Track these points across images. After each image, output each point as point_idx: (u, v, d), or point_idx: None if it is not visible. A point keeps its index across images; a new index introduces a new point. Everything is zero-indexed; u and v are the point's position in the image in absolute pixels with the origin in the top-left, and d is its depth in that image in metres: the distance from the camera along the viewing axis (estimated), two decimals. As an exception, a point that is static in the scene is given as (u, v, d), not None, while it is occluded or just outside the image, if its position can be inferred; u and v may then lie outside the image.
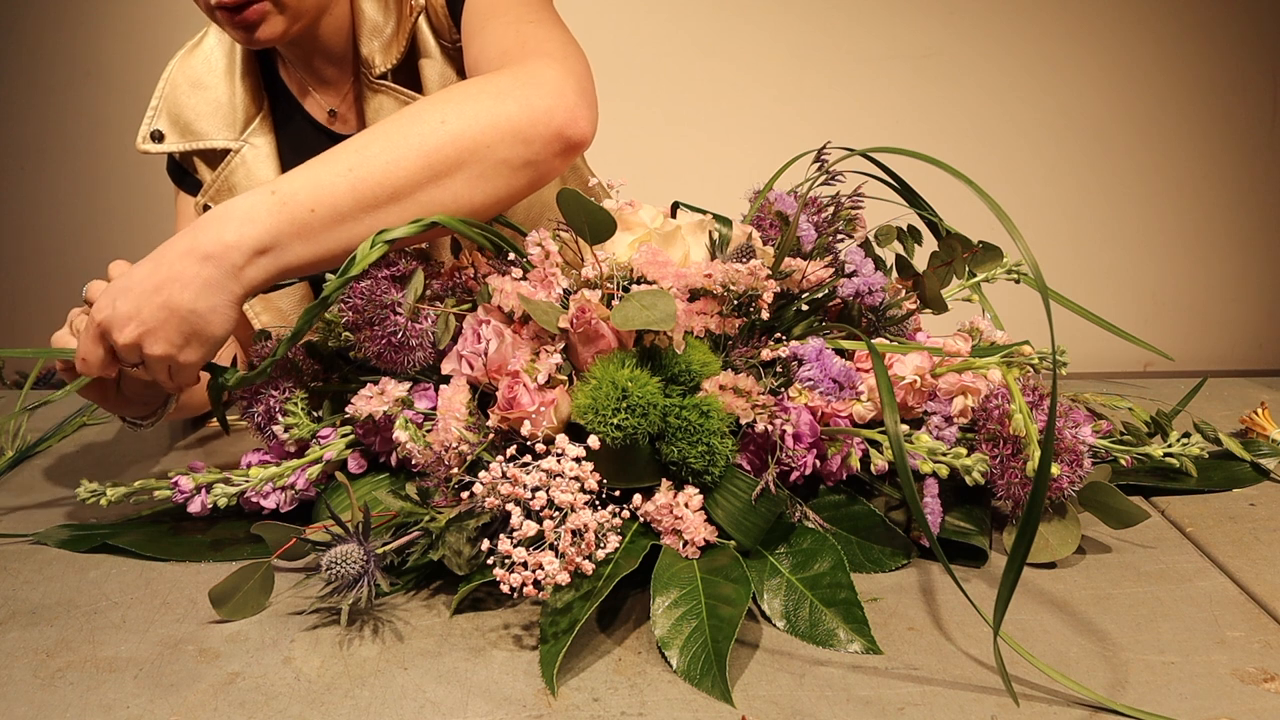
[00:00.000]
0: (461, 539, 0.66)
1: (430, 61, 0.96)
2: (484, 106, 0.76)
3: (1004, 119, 2.00)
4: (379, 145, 0.74)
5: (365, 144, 0.74)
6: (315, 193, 0.72)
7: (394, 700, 0.56)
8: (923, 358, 0.75)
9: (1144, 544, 0.74)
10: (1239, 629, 0.62)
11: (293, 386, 0.80)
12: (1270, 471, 0.87)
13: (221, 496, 0.76)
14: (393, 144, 0.74)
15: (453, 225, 0.73)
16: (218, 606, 0.66)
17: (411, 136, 0.74)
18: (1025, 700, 0.55)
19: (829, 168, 0.82)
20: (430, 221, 0.72)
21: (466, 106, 0.76)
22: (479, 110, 0.75)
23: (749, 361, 0.71)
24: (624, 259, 0.71)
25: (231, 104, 1.01)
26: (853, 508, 0.72)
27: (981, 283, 0.90)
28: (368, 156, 0.73)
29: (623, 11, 1.98)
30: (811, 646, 0.61)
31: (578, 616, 0.60)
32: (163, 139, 1.01)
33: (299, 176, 0.73)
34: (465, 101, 0.76)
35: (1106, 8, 1.96)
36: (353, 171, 0.73)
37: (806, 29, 1.97)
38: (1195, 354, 2.06)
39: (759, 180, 0.86)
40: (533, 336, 0.70)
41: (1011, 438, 0.71)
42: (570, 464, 0.60)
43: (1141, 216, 2.04)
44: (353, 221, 0.73)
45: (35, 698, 0.57)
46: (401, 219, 0.74)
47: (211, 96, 1.01)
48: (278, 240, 0.71)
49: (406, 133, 0.75)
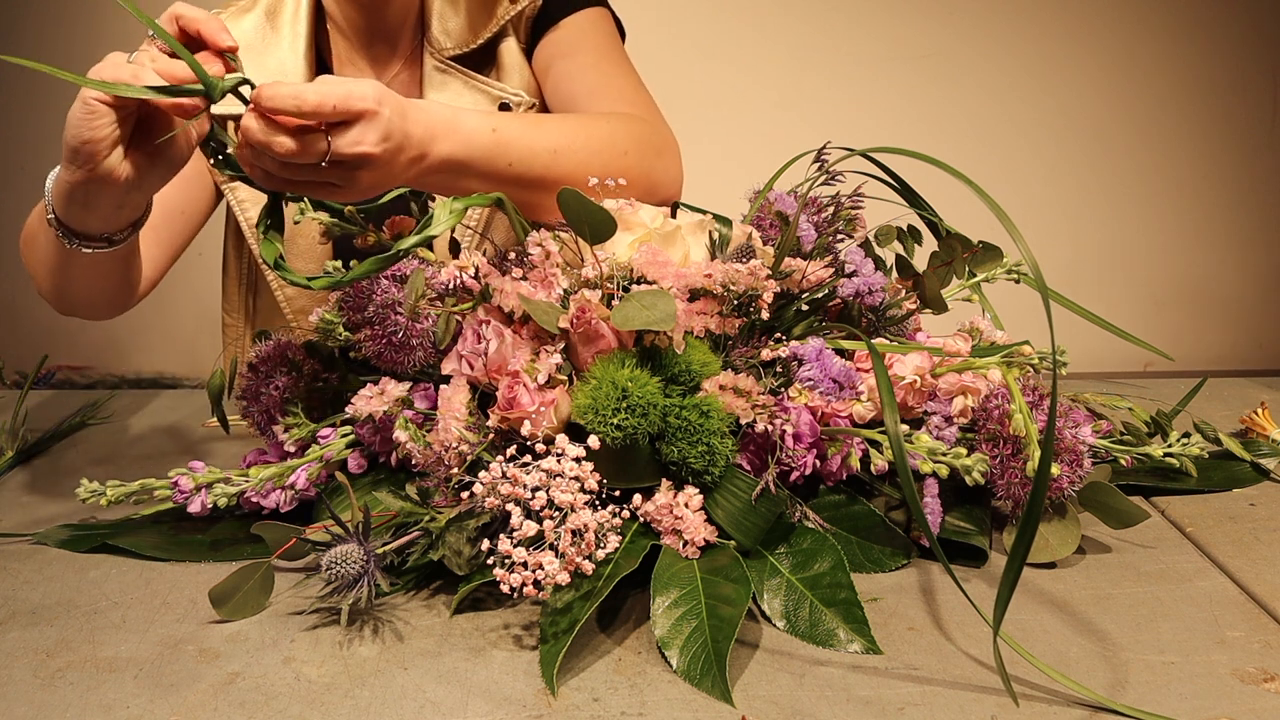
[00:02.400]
0: (461, 539, 0.66)
1: (510, 45, 1.01)
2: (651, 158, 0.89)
3: (1004, 119, 1.99)
4: (581, 142, 0.83)
5: (574, 134, 0.82)
6: (522, 155, 0.78)
7: (394, 700, 0.56)
8: (923, 358, 0.75)
9: (1144, 544, 0.74)
10: (1239, 629, 0.62)
11: (293, 386, 0.80)
12: (1270, 471, 0.87)
13: (221, 496, 0.76)
14: (590, 151, 0.83)
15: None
16: (218, 606, 0.66)
17: (602, 154, 0.84)
18: (1025, 700, 0.55)
19: (829, 168, 0.82)
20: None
21: (647, 150, 0.89)
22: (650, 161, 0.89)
23: (749, 361, 0.71)
24: (624, 259, 0.71)
25: (281, 74, 1.00)
26: (853, 508, 0.72)
27: (981, 283, 0.90)
28: (570, 151, 0.82)
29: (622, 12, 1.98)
30: (811, 646, 0.61)
31: (578, 616, 0.60)
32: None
33: (516, 127, 0.79)
34: (645, 144, 0.89)
35: (1106, 8, 1.96)
36: (555, 154, 0.80)
37: (806, 29, 1.97)
38: (1195, 354, 2.06)
39: (759, 180, 0.86)
40: (533, 336, 0.70)
41: (1011, 438, 0.71)
42: (570, 464, 0.60)
43: (1141, 217, 2.04)
44: (523, 190, 0.79)
45: (35, 698, 0.57)
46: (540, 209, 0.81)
47: (259, 62, 1.00)
48: (469, 168, 0.76)
49: (599, 149, 0.84)
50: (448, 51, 0.96)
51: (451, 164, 0.74)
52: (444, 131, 0.73)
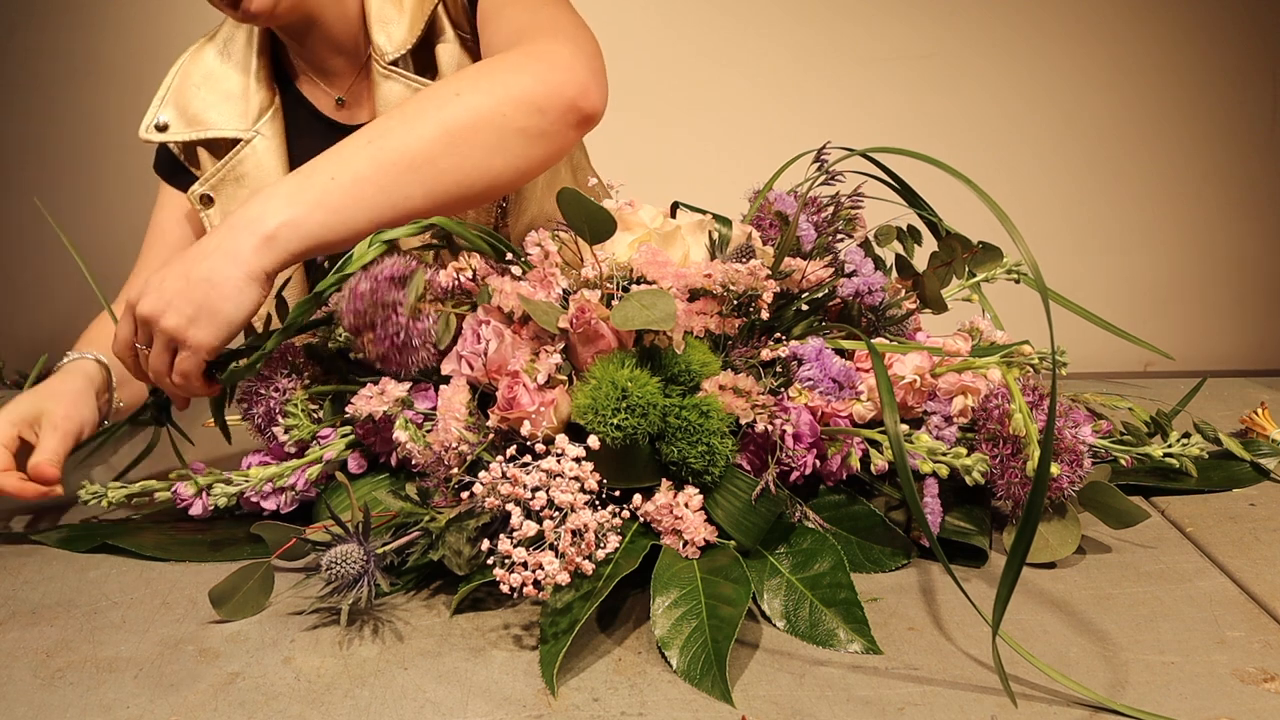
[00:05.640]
0: (461, 539, 0.66)
1: (446, 46, 0.98)
2: (499, 79, 0.79)
3: (1004, 119, 1.99)
4: (396, 119, 0.77)
5: (383, 121, 0.77)
6: (335, 163, 0.75)
7: (394, 700, 0.56)
8: (923, 358, 0.75)
9: (1144, 544, 0.74)
10: (1239, 629, 0.62)
11: (293, 387, 0.80)
12: (1270, 471, 0.87)
13: (221, 497, 0.76)
14: (409, 117, 0.77)
15: (450, 227, 0.73)
16: (218, 606, 0.66)
17: (428, 109, 0.77)
18: (1025, 700, 0.55)
19: (829, 168, 0.82)
20: (429, 223, 0.73)
21: (481, 80, 0.79)
22: (494, 83, 0.78)
23: (749, 361, 0.71)
24: (624, 259, 0.71)
25: (245, 95, 1.02)
26: (853, 508, 0.72)
27: (981, 283, 0.90)
28: (386, 130, 0.76)
29: (623, 13, 1.97)
30: (811, 646, 0.61)
31: (578, 616, 0.60)
32: (167, 130, 1.02)
33: (322, 155, 0.76)
34: (480, 76, 0.80)
35: (1106, 8, 1.95)
36: (372, 143, 0.75)
37: (806, 29, 1.97)
38: (1195, 354, 2.06)
39: (759, 180, 0.86)
40: (533, 336, 0.70)
41: (1011, 438, 0.71)
42: (570, 464, 0.60)
43: (1142, 216, 2.04)
44: (373, 189, 0.75)
45: (35, 698, 0.57)
46: (422, 190, 0.76)
47: (224, 88, 1.03)
48: (296, 209, 0.72)
49: (423, 106, 0.77)
50: (388, 56, 0.96)
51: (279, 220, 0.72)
52: (239, 216, 0.73)
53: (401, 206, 0.76)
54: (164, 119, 1.03)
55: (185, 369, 0.74)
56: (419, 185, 0.75)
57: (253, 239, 0.72)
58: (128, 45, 2.00)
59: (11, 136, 2.07)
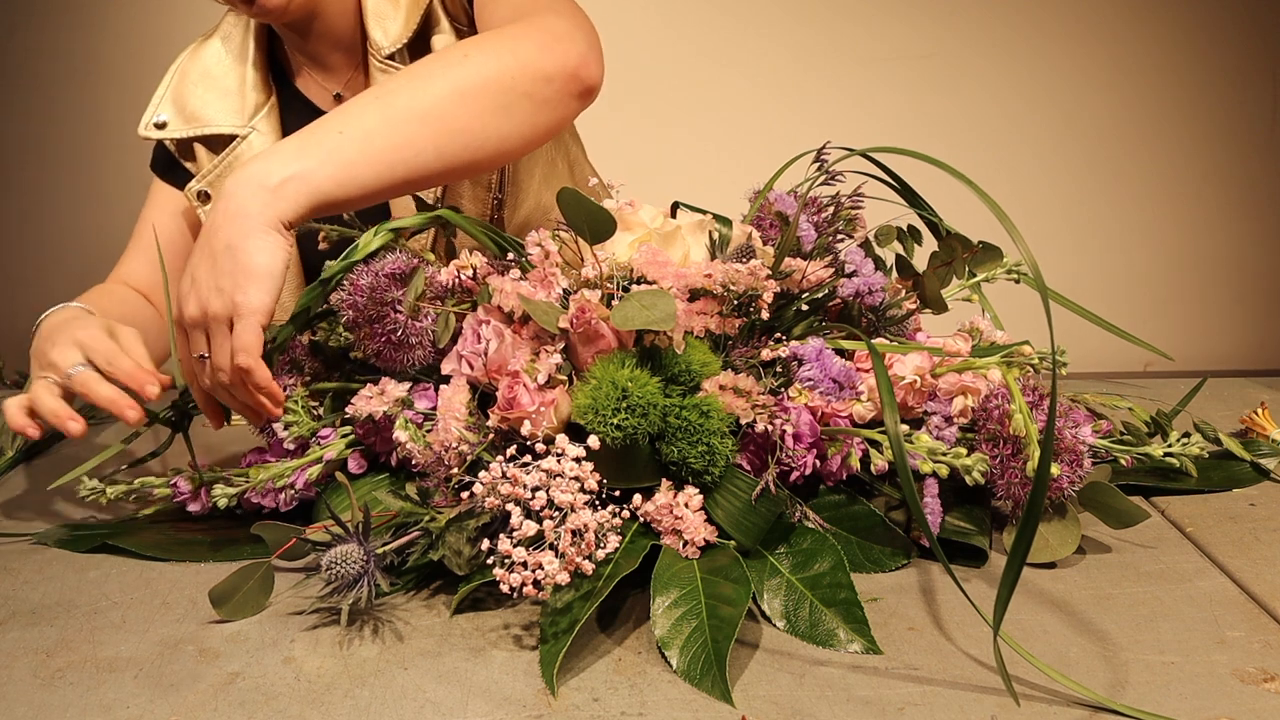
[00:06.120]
0: (461, 539, 0.66)
1: (442, 38, 0.98)
2: (505, 46, 0.80)
3: (1004, 119, 1.99)
4: (404, 79, 0.77)
5: (390, 80, 0.78)
6: (343, 118, 0.74)
7: (394, 700, 0.56)
8: (923, 358, 0.75)
9: (1144, 544, 0.74)
10: (1239, 629, 0.62)
11: (294, 384, 0.80)
12: (1270, 471, 0.87)
13: (221, 497, 0.76)
14: (418, 75, 0.77)
15: (456, 220, 0.73)
16: (218, 606, 0.66)
17: (436, 69, 0.77)
18: (1025, 700, 0.55)
19: (829, 168, 0.82)
20: (435, 215, 0.73)
21: (488, 45, 0.80)
22: (500, 49, 0.79)
23: (749, 361, 0.71)
24: (624, 259, 0.71)
25: (241, 92, 1.03)
26: (853, 508, 0.72)
27: (981, 283, 0.90)
28: (395, 88, 0.76)
29: (624, 13, 1.97)
30: (811, 646, 0.61)
31: (578, 616, 0.60)
32: (165, 127, 1.03)
33: (328, 114, 0.75)
34: (486, 41, 0.80)
35: (1106, 8, 1.95)
36: (380, 99, 0.75)
37: (806, 29, 1.97)
38: (1195, 354, 2.06)
39: (759, 180, 0.86)
40: (533, 336, 0.70)
41: (1011, 438, 0.71)
42: (570, 464, 0.60)
43: (1142, 216, 2.04)
44: (383, 143, 0.73)
45: (35, 698, 0.57)
46: (433, 145, 0.75)
47: (221, 85, 1.03)
48: (305, 162, 0.71)
49: (431, 68, 0.78)
50: (385, 51, 0.96)
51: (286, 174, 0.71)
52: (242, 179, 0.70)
53: (412, 163, 0.74)
54: (163, 117, 1.03)
55: (245, 342, 0.69)
56: (429, 139, 0.75)
57: (260, 194, 0.70)
58: (128, 45, 2.00)
59: (11, 136, 2.06)
